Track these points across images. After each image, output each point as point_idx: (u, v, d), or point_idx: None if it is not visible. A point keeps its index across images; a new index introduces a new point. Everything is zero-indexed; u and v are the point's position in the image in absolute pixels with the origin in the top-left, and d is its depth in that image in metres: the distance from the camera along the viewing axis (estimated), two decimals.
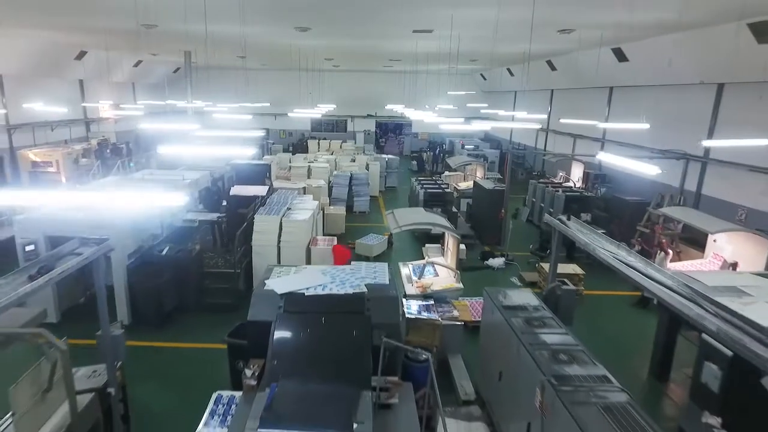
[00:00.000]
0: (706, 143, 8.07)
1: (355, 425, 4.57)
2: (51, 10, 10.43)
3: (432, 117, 17.23)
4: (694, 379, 6.61)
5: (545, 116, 18.85)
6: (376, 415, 4.92)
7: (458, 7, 9.08)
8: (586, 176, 18.01)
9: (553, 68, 20.26)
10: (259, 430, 4.54)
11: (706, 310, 4.27)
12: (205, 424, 5.60)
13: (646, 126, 10.07)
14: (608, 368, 4.76)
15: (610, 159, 7.52)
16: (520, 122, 17.87)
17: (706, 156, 12.86)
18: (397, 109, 24.20)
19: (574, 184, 17.95)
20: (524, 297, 6.41)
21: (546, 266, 10.00)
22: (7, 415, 4.64)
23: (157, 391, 7.12)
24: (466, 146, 26.49)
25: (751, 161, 11.40)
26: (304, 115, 22.07)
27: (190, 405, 6.39)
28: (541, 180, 18.19)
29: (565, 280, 6.77)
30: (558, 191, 15.22)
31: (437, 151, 26.91)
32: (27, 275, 4.34)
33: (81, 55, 20.48)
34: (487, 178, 17.42)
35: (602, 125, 13.18)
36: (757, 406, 5.59)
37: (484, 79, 31.24)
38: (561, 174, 19.55)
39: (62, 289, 9.03)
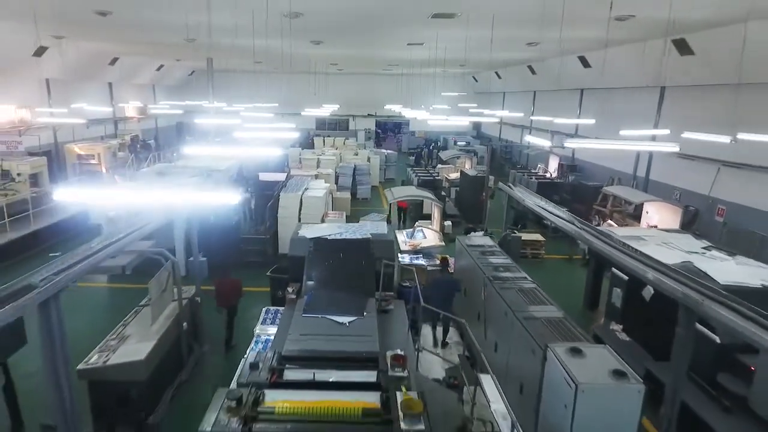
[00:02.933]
0: (622, 132, 10.49)
1: (364, 313, 7.10)
2: (116, 29, 12.97)
3: (425, 115, 19.78)
4: (608, 301, 9.20)
5: (521, 114, 21.45)
6: (379, 315, 7.45)
7: (441, 29, 11.67)
8: (560, 167, 20.59)
9: (533, 72, 22.86)
10: (303, 314, 7.06)
11: (595, 237, 6.83)
12: (262, 323, 8.16)
13: (591, 122, 12.65)
14: (556, 302, 7.03)
15: (532, 140, 10.09)
16: (486, 117, 20.43)
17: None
18: (395, 108, 26.71)
19: (550, 174, 20.55)
20: (484, 240, 9.00)
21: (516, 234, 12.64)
22: (144, 300, 7.24)
23: (219, 314, 9.65)
24: (458, 143, 29.08)
25: (683, 150, 14.00)
26: (313, 114, 24.58)
27: (246, 318, 8.96)
28: (521, 170, 20.77)
29: (515, 229, 9.33)
30: (532, 179, 17.81)
31: (431, 147, 29.49)
32: None
33: (113, 61, 23.07)
34: (474, 169, 19.97)
35: (558, 121, 15.77)
36: (642, 312, 8.16)
37: (476, 81, 33.83)
38: (540, 166, 22.15)
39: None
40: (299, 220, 12.99)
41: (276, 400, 3.93)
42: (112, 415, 6.29)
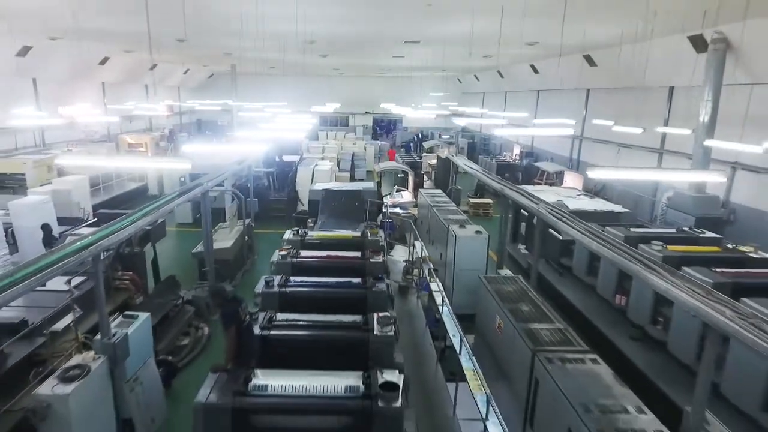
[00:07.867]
0: (535, 122, 15.09)
1: (356, 229, 11.81)
2: (180, 47, 17.62)
3: (410, 112, 24.49)
4: (518, 232, 13.88)
5: (487, 110, 26.26)
6: None
7: (413, 48, 16.38)
8: (520, 153, 25.31)
9: (501, 76, 27.54)
10: (319, 229, 11.76)
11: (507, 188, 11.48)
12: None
13: (525, 114, 17.33)
14: (464, 214, 11.86)
15: (462, 122, 14.76)
16: (443, 110, 25.18)
17: (580, 135, 20.20)
18: (390, 107, 31.33)
19: (513, 159, 25.28)
20: (437, 192, 13.70)
21: (473, 200, 17.47)
22: (217, 225, 11.96)
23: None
24: (443, 136, 33.80)
25: (600, 137, 18.71)
26: (318, 111, 29.26)
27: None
28: (490, 156, 25.50)
29: (459, 187, 14.05)
30: (493, 161, 22.56)
31: (418, 140, 34.39)
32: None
33: (153, 67, 27.76)
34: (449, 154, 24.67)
35: (503, 114, 20.52)
36: (531, 234, 12.81)
37: (460, 82, 38.53)
38: (506, 153, 26.88)
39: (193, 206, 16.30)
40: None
41: (314, 234, 8.69)
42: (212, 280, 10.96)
